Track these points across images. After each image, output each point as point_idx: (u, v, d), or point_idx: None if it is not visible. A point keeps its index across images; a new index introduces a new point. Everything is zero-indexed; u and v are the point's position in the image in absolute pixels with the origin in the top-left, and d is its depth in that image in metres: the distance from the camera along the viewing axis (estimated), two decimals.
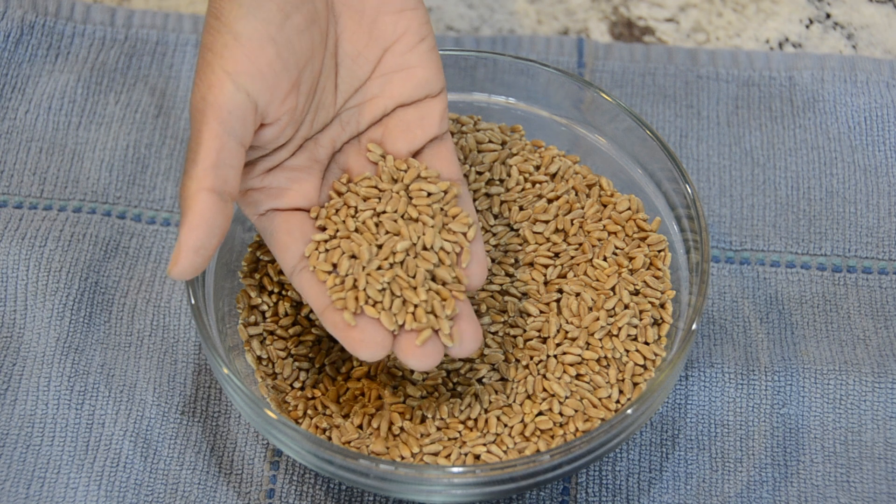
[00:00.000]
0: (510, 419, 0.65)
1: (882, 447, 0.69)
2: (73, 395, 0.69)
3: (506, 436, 0.64)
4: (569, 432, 0.65)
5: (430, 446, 0.64)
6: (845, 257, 0.75)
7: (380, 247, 0.62)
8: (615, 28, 0.87)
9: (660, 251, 0.70)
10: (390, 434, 0.65)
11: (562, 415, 0.65)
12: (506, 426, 0.65)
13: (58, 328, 0.71)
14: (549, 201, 0.71)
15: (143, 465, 0.68)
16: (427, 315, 0.60)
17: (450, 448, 0.64)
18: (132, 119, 0.80)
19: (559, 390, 0.65)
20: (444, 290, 0.61)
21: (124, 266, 0.74)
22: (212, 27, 0.59)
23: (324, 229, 0.63)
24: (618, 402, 0.66)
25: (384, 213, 0.63)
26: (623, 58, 0.83)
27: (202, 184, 0.57)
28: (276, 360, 0.68)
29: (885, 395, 0.70)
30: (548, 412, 0.65)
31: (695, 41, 0.86)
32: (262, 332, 0.68)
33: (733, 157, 0.79)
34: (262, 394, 0.67)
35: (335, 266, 0.62)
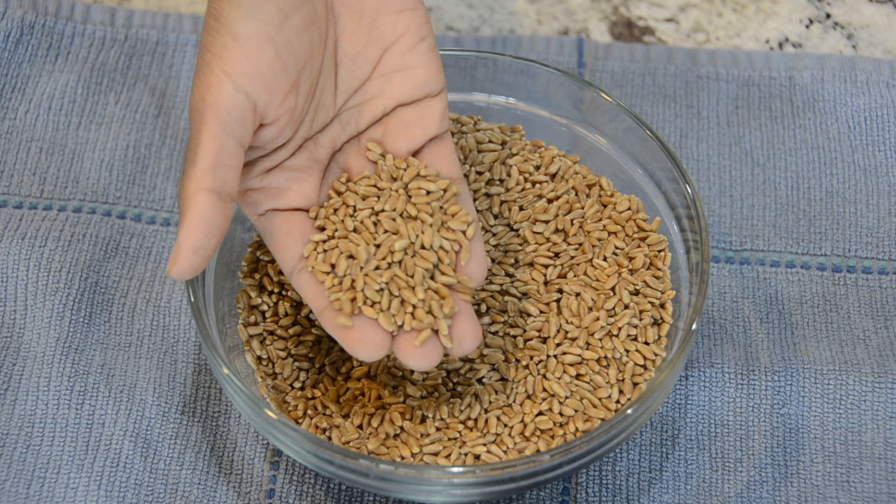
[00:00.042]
0: (510, 419, 0.65)
1: (882, 447, 0.69)
2: (73, 395, 0.69)
3: (506, 436, 0.64)
4: (569, 432, 0.65)
5: (430, 446, 0.64)
6: (845, 257, 0.75)
7: (378, 246, 0.62)
8: (615, 28, 0.86)
9: (660, 251, 0.70)
10: (390, 434, 0.65)
11: (562, 415, 0.65)
12: (506, 426, 0.65)
13: (58, 328, 0.71)
14: (549, 201, 0.71)
15: (143, 465, 0.68)
16: (426, 315, 0.60)
17: (450, 448, 0.64)
18: (132, 119, 0.80)
19: (559, 390, 0.65)
20: (442, 289, 0.61)
21: (124, 266, 0.74)
22: (211, 28, 0.59)
23: (323, 229, 0.63)
24: (618, 402, 0.66)
25: (382, 211, 0.63)
26: (623, 58, 0.83)
27: (201, 184, 0.58)
28: (276, 360, 0.68)
29: (885, 395, 0.70)
30: (548, 412, 0.65)
31: (695, 41, 0.86)
32: (262, 332, 0.68)
33: (733, 157, 0.79)
34: (262, 394, 0.67)
35: (333, 266, 0.62)
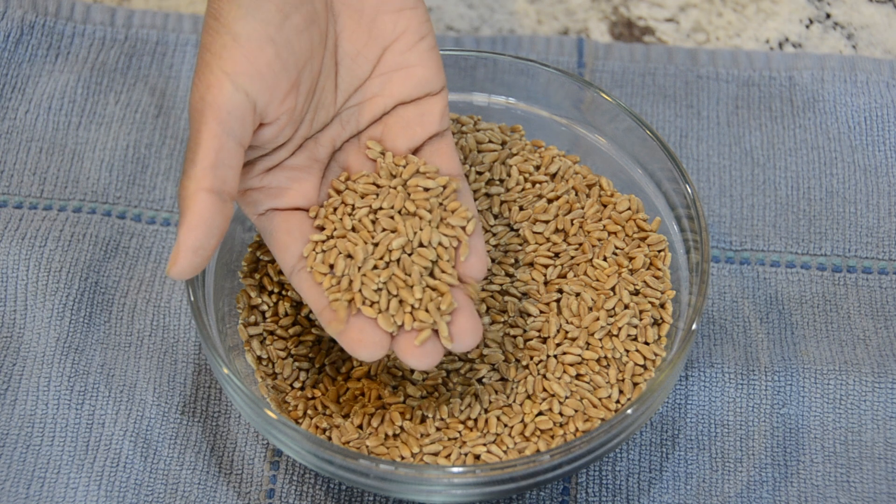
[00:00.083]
0: (510, 419, 0.65)
1: (882, 447, 0.69)
2: (73, 395, 0.69)
3: (506, 436, 0.64)
4: (569, 432, 0.64)
5: (430, 446, 0.64)
6: (845, 257, 0.75)
7: (376, 245, 0.62)
8: (615, 28, 0.86)
9: (660, 251, 0.70)
10: (390, 434, 0.65)
11: (562, 415, 0.65)
12: (506, 426, 0.65)
13: (58, 328, 0.71)
14: (549, 201, 0.71)
15: (143, 465, 0.68)
16: (426, 314, 0.60)
17: (450, 448, 0.64)
18: (132, 119, 0.80)
19: (559, 390, 0.65)
20: (441, 286, 0.61)
21: (124, 266, 0.74)
22: (210, 27, 0.59)
23: (322, 229, 0.63)
24: (618, 402, 0.66)
25: (381, 209, 0.63)
26: (623, 58, 0.83)
27: (201, 184, 0.57)
28: (276, 360, 0.68)
29: (885, 395, 0.70)
30: (548, 412, 0.65)
31: (695, 41, 0.86)
32: (262, 332, 0.68)
33: (733, 157, 0.79)
34: (262, 394, 0.67)
35: (332, 266, 0.62)
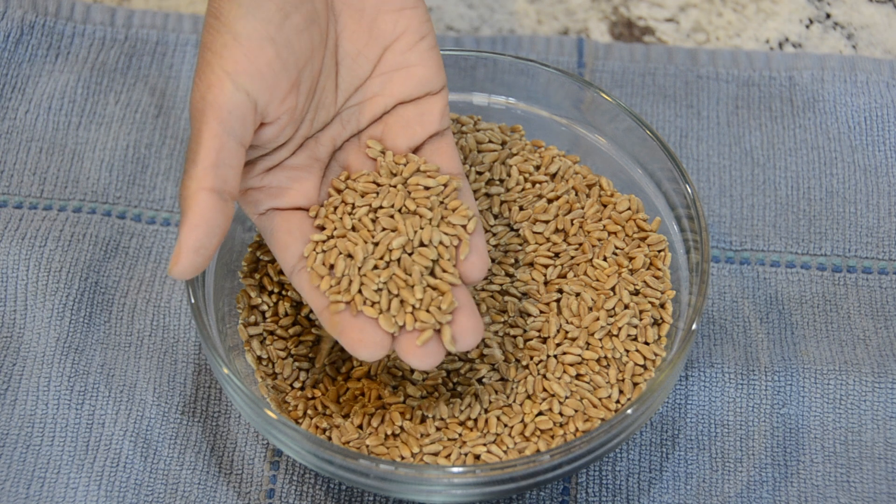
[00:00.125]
0: (510, 419, 0.65)
1: (882, 447, 0.69)
2: (73, 395, 0.69)
3: (506, 436, 0.64)
4: (569, 432, 0.64)
5: (430, 446, 0.64)
6: (845, 257, 0.75)
7: (376, 244, 0.62)
8: (615, 28, 0.86)
9: (660, 251, 0.70)
10: (390, 434, 0.65)
11: (562, 415, 0.65)
12: (506, 426, 0.65)
13: (58, 328, 0.71)
14: (549, 201, 0.71)
15: (143, 465, 0.68)
16: (427, 315, 0.60)
17: (450, 448, 0.64)
18: (132, 119, 0.80)
19: (559, 390, 0.65)
20: (442, 285, 0.61)
21: (124, 266, 0.74)
22: (211, 27, 0.59)
23: (323, 228, 0.63)
24: (618, 402, 0.66)
25: (381, 208, 0.63)
26: (623, 58, 0.83)
27: (202, 183, 0.57)
28: (276, 360, 0.68)
29: (885, 395, 0.70)
30: (548, 412, 0.65)
31: (695, 41, 0.86)
32: (262, 332, 0.68)
33: (733, 157, 0.79)
34: (262, 394, 0.67)
35: (332, 267, 0.62)
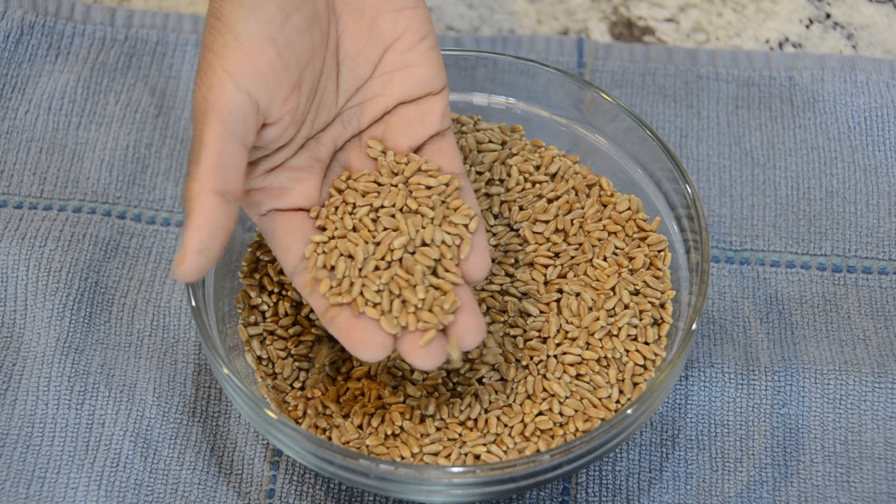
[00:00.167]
0: (510, 419, 0.65)
1: (882, 447, 0.69)
2: (73, 395, 0.69)
3: (506, 436, 0.64)
4: (569, 432, 0.65)
5: (430, 446, 0.64)
6: (845, 257, 0.75)
7: (378, 244, 0.62)
8: (615, 28, 0.86)
9: (660, 251, 0.70)
10: (390, 434, 0.65)
11: (562, 415, 0.65)
12: (506, 426, 0.65)
13: (58, 328, 0.71)
14: (549, 201, 0.71)
15: (143, 465, 0.68)
16: (430, 315, 0.60)
17: (450, 448, 0.64)
18: (132, 119, 0.80)
19: (559, 390, 0.65)
20: (444, 284, 0.61)
21: (124, 266, 0.74)
22: (212, 27, 0.59)
23: (324, 229, 0.63)
24: (618, 402, 0.66)
25: (382, 207, 0.63)
26: (623, 58, 0.83)
27: (205, 185, 0.57)
28: (276, 360, 0.68)
29: (885, 395, 0.70)
30: (548, 412, 0.65)
31: (695, 41, 0.86)
32: (262, 332, 0.68)
33: (733, 157, 0.79)
34: (262, 394, 0.67)
35: (333, 268, 0.62)
